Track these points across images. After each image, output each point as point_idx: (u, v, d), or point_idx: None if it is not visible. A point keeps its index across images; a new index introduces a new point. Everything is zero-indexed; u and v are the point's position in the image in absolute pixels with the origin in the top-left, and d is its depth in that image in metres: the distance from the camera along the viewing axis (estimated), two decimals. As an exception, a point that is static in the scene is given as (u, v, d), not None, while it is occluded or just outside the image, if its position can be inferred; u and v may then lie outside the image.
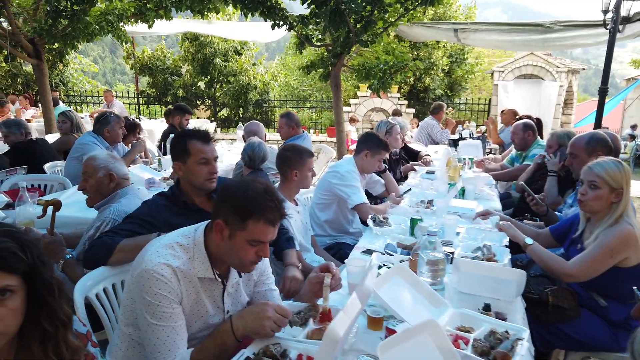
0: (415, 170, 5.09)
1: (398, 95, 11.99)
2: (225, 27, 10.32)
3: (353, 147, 7.43)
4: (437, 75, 11.34)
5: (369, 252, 2.50)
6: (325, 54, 6.84)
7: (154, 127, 9.76)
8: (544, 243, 2.44)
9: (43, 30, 7.08)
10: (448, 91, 12.88)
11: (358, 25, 5.70)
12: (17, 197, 3.36)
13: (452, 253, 2.31)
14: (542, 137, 5.10)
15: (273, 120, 13.09)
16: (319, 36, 6.76)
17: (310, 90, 20.37)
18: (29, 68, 13.48)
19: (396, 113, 11.18)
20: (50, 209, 2.63)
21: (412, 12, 5.85)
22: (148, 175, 4.33)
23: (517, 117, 7.58)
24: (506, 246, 2.45)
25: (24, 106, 11.18)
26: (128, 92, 13.44)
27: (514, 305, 1.89)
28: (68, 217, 3.35)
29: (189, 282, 1.58)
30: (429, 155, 5.47)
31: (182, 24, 10.45)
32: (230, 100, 12.33)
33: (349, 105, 12.51)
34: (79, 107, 12.78)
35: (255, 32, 10.15)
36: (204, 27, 10.27)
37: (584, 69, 11.91)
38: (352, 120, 11.86)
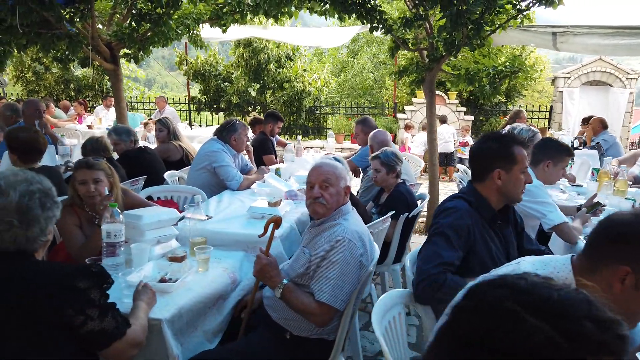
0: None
1: (457, 101, 11.69)
2: (288, 33, 10.11)
3: (405, 154, 7.14)
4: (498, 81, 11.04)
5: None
6: (419, 58, 6.56)
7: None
8: None
9: (124, 35, 6.90)
10: (504, 98, 12.54)
11: (469, 28, 5.41)
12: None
13: None
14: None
15: (325, 127, 12.83)
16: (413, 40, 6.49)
17: (338, 97, 20.14)
18: (78, 72, 13.40)
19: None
20: (270, 226, 2.37)
21: (527, 14, 5.54)
22: (281, 187, 4.05)
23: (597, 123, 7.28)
24: None
25: (80, 112, 11.05)
26: (179, 98, 13.28)
27: None
28: (225, 233, 3.09)
29: None
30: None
31: (242, 29, 10.25)
32: (283, 107, 12.10)
33: (404, 112, 12.22)
34: (132, 113, 12.60)
35: (319, 37, 9.92)
36: (266, 32, 10.08)
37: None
38: (408, 128, 11.57)
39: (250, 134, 6.75)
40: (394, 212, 3.32)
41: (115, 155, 4.72)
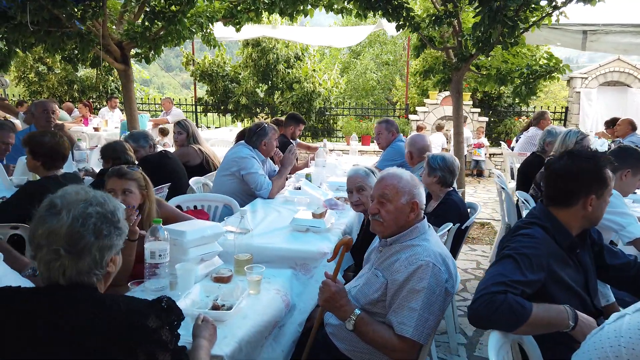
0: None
1: (470, 103, 11.42)
2: (300, 32, 9.83)
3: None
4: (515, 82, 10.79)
5: None
6: (445, 57, 6.30)
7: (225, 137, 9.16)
8: None
9: (136, 33, 6.62)
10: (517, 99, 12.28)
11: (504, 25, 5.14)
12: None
13: None
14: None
15: (335, 129, 12.55)
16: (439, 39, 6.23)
17: (341, 98, 19.85)
18: (81, 73, 13.09)
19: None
20: (340, 249, 2.09)
21: (562, 11, 5.28)
22: (319, 195, 3.77)
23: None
24: None
25: (84, 114, 10.73)
26: (185, 100, 12.98)
27: None
28: (272, 249, 2.81)
29: None
30: None
31: (252, 29, 9.98)
32: (292, 108, 11.82)
33: (416, 113, 11.96)
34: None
35: (332, 36, 9.65)
36: (277, 31, 9.81)
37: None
38: (420, 129, 11.30)
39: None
40: (450, 224, 3.04)
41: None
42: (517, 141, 8.46)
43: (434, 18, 5.54)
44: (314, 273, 2.64)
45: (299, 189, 4.12)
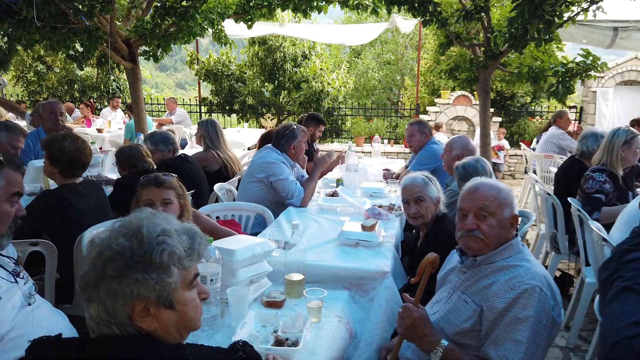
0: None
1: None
2: (310, 30, 9.53)
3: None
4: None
5: None
6: (471, 55, 6.02)
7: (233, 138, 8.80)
8: None
9: (146, 30, 6.30)
10: (528, 98, 12.03)
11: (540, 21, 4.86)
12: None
13: None
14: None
15: (344, 129, 12.25)
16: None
17: (344, 98, 19.55)
18: (81, 72, 12.74)
19: (438, 127, 10.36)
20: (425, 269, 1.79)
21: (599, 6, 5.01)
22: (359, 204, 3.46)
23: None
24: None
25: (86, 115, 10.39)
26: (189, 99, 12.64)
27: None
28: (325, 267, 2.51)
29: None
30: None
31: (261, 26, 9.67)
32: (300, 108, 11.51)
33: (426, 113, 11.68)
34: (136, 116, 11.95)
35: (344, 34, 9.34)
36: (287, 29, 9.50)
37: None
38: (438, 128, 10.96)
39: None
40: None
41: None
42: (537, 142, 8.21)
43: (463, 13, 5.26)
44: (374, 295, 2.34)
45: (333, 195, 3.82)
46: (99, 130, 9.19)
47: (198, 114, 12.19)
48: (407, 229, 3.57)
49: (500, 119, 10.93)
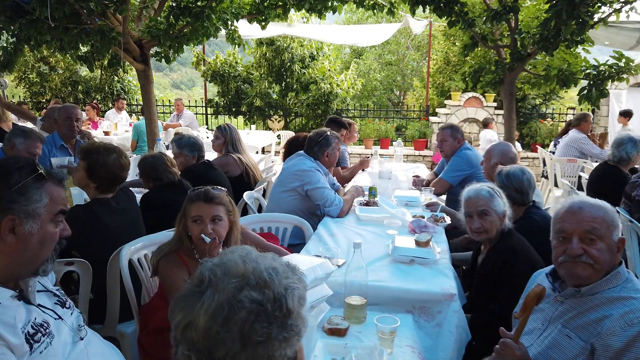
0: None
1: (494, 104, 11.00)
2: (323, 30, 9.34)
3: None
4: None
5: None
6: (495, 57, 5.85)
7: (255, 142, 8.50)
8: None
9: (159, 31, 6.12)
10: (539, 100, 11.88)
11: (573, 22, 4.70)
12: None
13: None
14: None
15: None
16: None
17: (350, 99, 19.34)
18: (83, 73, 12.50)
19: (486, 124, 10.15)
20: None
21: (633, 6, 4.86)
22: (403, 215, 3.28)
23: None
24: None
25: (92, 117, 10.18)
26: (195, 101, 12.41)
27: None
28: (387, 289, 2.32)
29: None
30: None
31: (271, 27, 9.48)
32: (307, 110, 11.32)
33: (436, 115, 11.51)
34: (140, 117, 11.73)
35: (357, 35, 9.16)
36: (299, 30, 9.31)
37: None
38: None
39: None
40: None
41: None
42: (555, 145, 8.03)
43: (492, 13, 5.09)
44: (441, 320, 2.16)
45: (367, 204, 3.64)
46: (106, 133, 8.98)
47: (204, 115, 11.98)
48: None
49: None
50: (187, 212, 2.15)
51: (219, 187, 2.22)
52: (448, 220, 3.23)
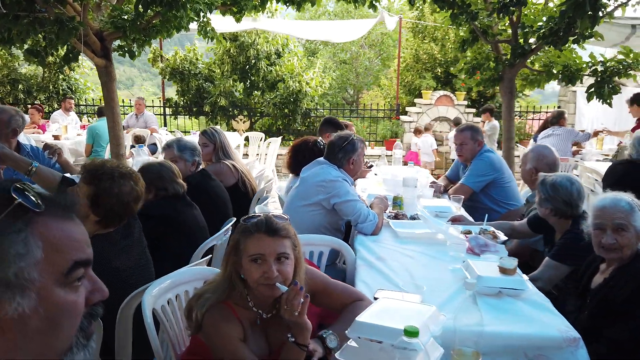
0: None
1: (465, 102, 10.88)
2: (295, 25, 8.81)
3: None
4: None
5: None
6: (494, 53, 5.56)
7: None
8: None
9: (126, 22, 5.41)
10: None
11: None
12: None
13: None
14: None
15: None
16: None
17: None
18: (23, 70, 11.32)
19: (457, 122, 10.04)
20: None
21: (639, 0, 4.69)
22: (453, 232, 2.84)
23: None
24: None
25: (36, 121, 9.11)
26: (153, 101, 11.48)
27: None
28: (498, 336, 1.87)
29: None
30: None
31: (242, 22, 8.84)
32: (275, 110, 10.75)
33: (406, 114, 11.25)
34: (91, 119, 10.72)
35: (330, 31, 8.71)
36: (268, 24, 8.72)
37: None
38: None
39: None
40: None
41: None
42: (535, 141, 7.98)
43: (499, 6, 4.77)
44: (563, 371, 1.73)
45: (396, 217, 3.18)
46: (56, 137, 8.00)
47: (162, 116, 11.12)
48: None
49: (480, 119, 10.69)
50: (241, 248, 1.60)
51: (282, 215, 1.68)
52: (502, 236, 2.82)
